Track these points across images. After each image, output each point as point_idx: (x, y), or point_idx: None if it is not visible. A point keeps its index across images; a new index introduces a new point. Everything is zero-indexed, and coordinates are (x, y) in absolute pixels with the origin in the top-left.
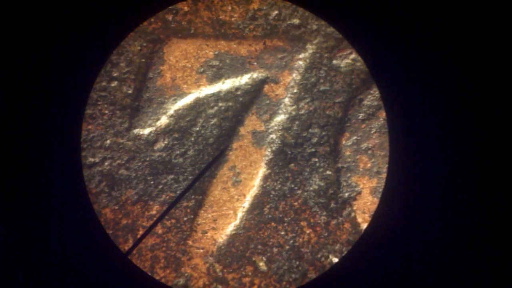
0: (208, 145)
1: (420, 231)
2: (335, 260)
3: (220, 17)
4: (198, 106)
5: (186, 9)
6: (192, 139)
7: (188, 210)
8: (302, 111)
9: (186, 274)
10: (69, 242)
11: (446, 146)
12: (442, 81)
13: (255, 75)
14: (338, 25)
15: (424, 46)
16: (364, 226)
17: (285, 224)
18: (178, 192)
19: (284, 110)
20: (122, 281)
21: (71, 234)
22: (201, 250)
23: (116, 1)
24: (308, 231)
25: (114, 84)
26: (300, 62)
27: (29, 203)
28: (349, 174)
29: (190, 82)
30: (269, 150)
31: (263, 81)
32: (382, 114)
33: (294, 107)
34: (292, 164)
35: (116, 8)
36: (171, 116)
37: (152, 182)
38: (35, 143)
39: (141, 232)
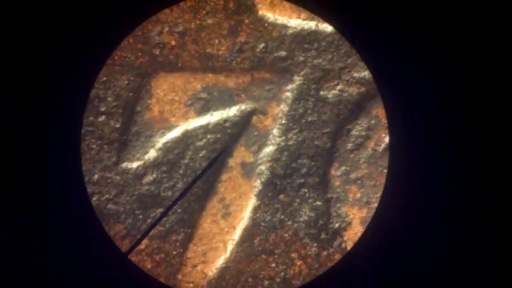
0: (197, 177)
1: (419, 237)
2: None
3: (207, 50)
4: (187, 138)
5: (173, 43)
6: (181, 171)
7: (178, 244)
8: (291, 142)
9: None
10: (69, 242)
11: (449, 153)
12: (447, 86)
13: (243, 107)
14: (338, 26)
15: (427, 48)
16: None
17: (276, 256)
18: (167, 225)
19: (273, 141)
20: (122, 281)
21: (71, 234)
22: (191, 285)
23: (115, 1)
24: (299, 263)
25: (102, 118)
26: (288, 94)
27: (29, 203)
28: (338, 205)
29: (178, 115)
30: (259, 181)
31: (251, 113)
32: (370, 144)
33: (283, 138)
34: (282, 195)
35: (116, 8)
36: (159, 149)
37: (141, 216)
38: (35, 143)
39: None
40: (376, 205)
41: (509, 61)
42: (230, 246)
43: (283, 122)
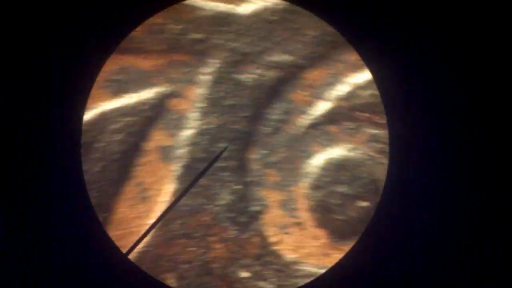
0: (114, 161)
1: (419, 237)
2: (246, 275)
3: None
4: (102, 121)
5: None
6: (97, 155)
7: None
8: (210, 126)
9: None
10: (69, 242)
11: (449, 153)
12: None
13: (160, 89)
14: (338, 26)
15: (427, 48)
16: (273, 239)
17: (195, 240)
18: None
19: (193, 125)
20: (122, 281)
21: (71, 234)
22: None
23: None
24: (218, 246)
25: None
26: (206, 77)
27: (29, 203)
28: (257, 188)
29: (93, 97)
30: (178, 165)
31: (169, 96)
32: (288, 128)
33: (202, 121)
34: (203, 179)
35: (115, 8)
36: None
37: None
38: (35, 143)
39: None
40: (294, 188)
41: (509, 61)
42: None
43: (202, 105)
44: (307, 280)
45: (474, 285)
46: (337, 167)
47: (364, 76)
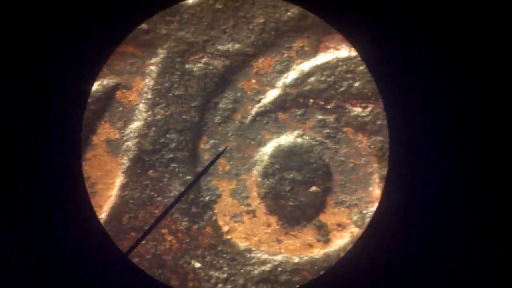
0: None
1: (419, 238)
2: (198, 265)
3: None
4: None
5: None
6: None
7: None
8: (158, 117)
9: None
10: (69, 242)
11: (449, 152)
12: (444, 82)
13: (105, 81)
14: (338, 25)
15: (427, 47)
16: (226, 228)
17: (146, 233)
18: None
19: (139, 117)
20: (122, 281)
21: (71, 234)
22: None
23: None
24: (169, 238)
25: None
26: (152, 67)
27: (29, 203)
28: (208, 178)
29: None
30: (126, 158)
31: (115, 88)
32: (237, 117)
33: (150, 113)
34: (151, 171)
35: (115, 9)
36: None
37: None
38: (35, 143)
39: None
40: (245, 176)
41: (509, 61)
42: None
43: (149, 96)
44: (260, 268)
45: (474, 285)
46: (286, 154)
47: (311, 63)
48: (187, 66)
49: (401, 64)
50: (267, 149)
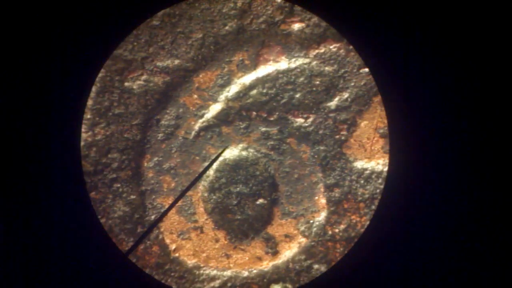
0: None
1: (419, 238)
2: None
3: None
4: None
5: None
6: None
7: None
8: (99, 137)
9: None
10: (69, 242)
11: (449, 152)
12: (445, 82)
13: None
14: (338, 25)
15: (427, 47)
16: (173, 246)
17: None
18: None
19: (79, 138)
20: (122, 281)
21: (71, 234)
22: None
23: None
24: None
25: None
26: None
27: (29, 203)
28: (153, 196)
29: None
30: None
31: None
32: (181, 133)
33: (90, 133)
34: (93, 193)
35: (114, 8)
36: None
37: None
38: (35, 143)
39: None
40: (191, 193)
41: (509, 61)
42: None
43: (88, 117)
44: (209, 284)
45: (474, 285)
46: (232, 168)
47: (251, 76)
48: (126, 84)
49: (401, 64)
50: (212, 164)
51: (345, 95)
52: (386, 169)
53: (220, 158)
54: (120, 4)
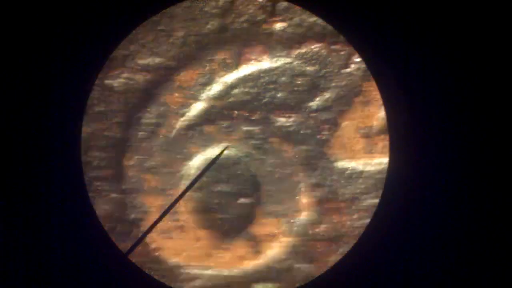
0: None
1: (419, 238)
2: None
3: None
4: None
5: None
6: None
7: None
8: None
9: None
10: (69, 242)
11: (449, 153)
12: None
13: None
14: (338, 25)
15: (427, 47)
16: (154, 246)
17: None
18: None
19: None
20: (122, 281)
21: (71, 234)
22: None
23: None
24: None
25: None
26: None
27: (29, 203)
28: (134, 195)
29: None
30: None
31: None
32: (162, 131)
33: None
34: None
35: (115, 8)
36: None
37: None
38: (35, 143)
39: None
40: (173, 192)
41: (509, 61)
42: None
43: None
44: (190, 283)
45: (474, 285)
46: (214, 166)
47: (234, 75)
48: (106, 81)
49: (401, 63)
50: (194, 163)
51: (327, 95)
52: (367, 169)
53: (203, 157)
54: (120, 4)
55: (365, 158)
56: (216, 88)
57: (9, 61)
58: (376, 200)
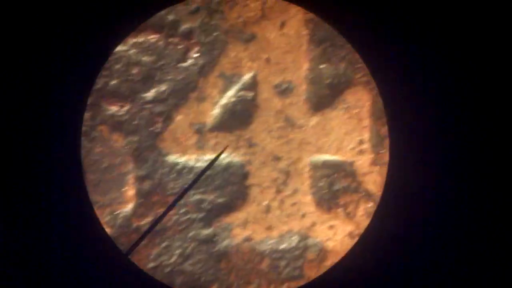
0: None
1: (419, 238)
2: None
3: None
4: None
5: None
6: None
7: None
8: None
9: None
10: (69, 242)
11: (449, 153)
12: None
13: None
14: (338, 25)
15: (427, 47)
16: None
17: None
18: None
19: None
20: (122, 281)
21: (71, 234)
22: None
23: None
24: None
25: None
26: None
27: (29, 203)
28: None
29: None
30: None
31: None
32: None
33: None
34: None
35: (115, 9)
36: None
37: None
38: (35, 143)
39: None
40: None
41: (509, 61)
42: None
43: None
44: None
45: (474, 285)
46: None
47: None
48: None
49: (401, 63)
50: None
51: (163, 87)
52: (198, 165)
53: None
54: (120, 4)
55: (196, 154)
56: None
57: (9, 61)
58: (211, 196)
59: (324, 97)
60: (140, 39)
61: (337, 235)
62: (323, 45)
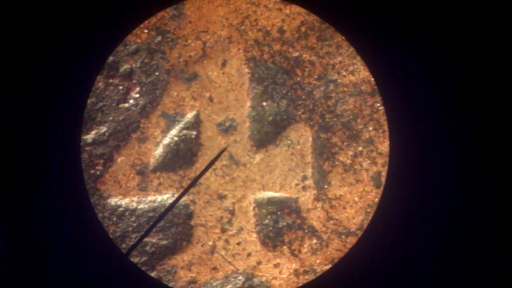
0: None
1: (419, 239)
2: None
3: None
4: None
5: None
6: None
7: None
8: None
9: None
10: (69, 242)
11: (449, 153)
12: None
13: None
14: (338, 25)
15: (427, 47)
16: None
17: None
18: None
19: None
20: (122, 281)
21: (71, 234)
22: None
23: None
24: None
25: None
26: None
27: (29, 203)
28: None
29: None
30: None
31: None
32: None
33: None
34: None
35: (115, 9)
36: None
37: None
38: (35, 143)
39: None
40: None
41: (509, 61)
42: None
43: None
44: None
45: (474, 285)
46: None
47: None
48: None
49: (401, 62)
50: None
51: (103, 129)
52: (140, 206)
53: None
54: (120, 4)
55: (139, 196)
56: None
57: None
58: (154, 239)
59: (267, 134)
60: None
61: (283, 273)
62: (265, 83)
